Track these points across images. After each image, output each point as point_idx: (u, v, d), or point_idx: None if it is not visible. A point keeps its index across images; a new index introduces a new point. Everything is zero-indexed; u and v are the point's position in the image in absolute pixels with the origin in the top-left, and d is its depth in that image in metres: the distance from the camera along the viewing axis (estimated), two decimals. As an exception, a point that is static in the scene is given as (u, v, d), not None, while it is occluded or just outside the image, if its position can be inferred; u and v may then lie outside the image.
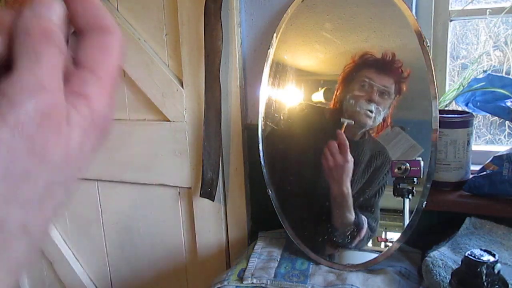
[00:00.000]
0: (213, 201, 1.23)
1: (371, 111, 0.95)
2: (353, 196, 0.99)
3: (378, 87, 0.95)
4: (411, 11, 0.95)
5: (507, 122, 1.14)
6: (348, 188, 0.98)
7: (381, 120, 0.96)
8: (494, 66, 1.13)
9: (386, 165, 0.98)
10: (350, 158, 0.96)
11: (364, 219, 0.99)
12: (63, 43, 0.23)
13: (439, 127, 0.91)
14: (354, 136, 0.99)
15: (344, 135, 0.96)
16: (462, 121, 0.99)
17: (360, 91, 0.96)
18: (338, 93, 1.01)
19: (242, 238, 1.27)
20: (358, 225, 0.99)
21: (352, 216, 0.99)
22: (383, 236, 1.00)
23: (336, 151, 0.96)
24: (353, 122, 0.95)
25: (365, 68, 0.97)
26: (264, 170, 1.09)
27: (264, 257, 1.02)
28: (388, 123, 0.96)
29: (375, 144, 0.98)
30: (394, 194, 0.95)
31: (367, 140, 0.98)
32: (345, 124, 0.97)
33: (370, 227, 1.00)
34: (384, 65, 0.95)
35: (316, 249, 1.01)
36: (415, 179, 0.93)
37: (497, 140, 1.17)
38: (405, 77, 0.93)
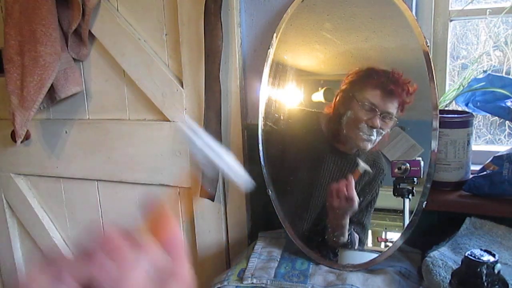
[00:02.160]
0: (213, 201, 1.22)
1: (370, 135, 0.92)
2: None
3: (381, 112, 0.91)
4: (411, 11, 0.95)
5: (507, 122, 1.14)
6: (347, 222, 0.97)
7: (380, 138, 0.94)
8: (494, 66, 1.13)
9: (379, 177, 0.96)
10: (355, 198, 0.93)
11: (356, 237, 0.99)
12: None
13: (439, 127, 0.91)
14: (349, 150, 0.97)
15: (353, 181, 0.93)
16: (462, 121, 0.99)
17: (362, 113, 0.91)
18: (336, 100, 0.98)
19: (242, 238, 1.27)
20: (349, 243, 0.99)
21: (345, 238, 0.99)
22: (383, 236, 1.00)
23: (343, 194, 0.94)
24: (370, 170, 0.91)
25: (369, 88, 0.92)
26: (264, 170, 1.09)
27: (264, 257, 1.02)
28: (386, 139, 0.93)
29: (370, 154, 0.97)
30: (394, 194, 0.95)
31: (362, 152, 0.97)
32: (360, 168, 0.92)
33: (360, 242, 1.00)
34: (391, 86, 0.89)
35: (316, 249, 1.01)
36: (415, 179, 0.93)
37: (497, 140, 1.17)
38: (410, 93, 0.89)
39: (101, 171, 1.43)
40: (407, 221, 0.94)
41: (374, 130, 0.91)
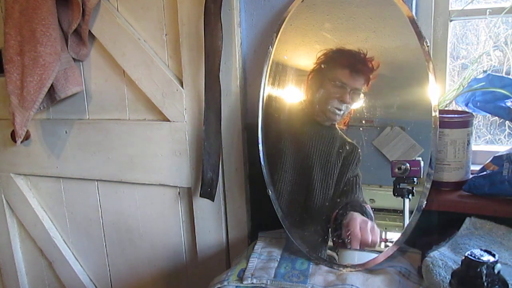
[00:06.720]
0: (213, 201, 1.23)
1: (340, 110, 1.00)
2: (334, 188, 1.03)
3: (351, 88, 0.98)
4: (411, 11, 0.95)
5: (507, 122, 1.14)
6: None
7: (348, 112, 1.01)
8: (494, 66, 1.13)
9: (355, 154, 1.00)
10: (370, 241, 0.95)
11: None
12: None
13: (439, 127, 0.91)
14: (324, 122, 1.03)
15: (369, 228, 0.95)
16: (462, 121, 0.99)
17: (334, 90, 0.99)
18: (309, 79, 1.03)
19: (242, 238, 1.27)
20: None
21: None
22: (383, 236, 1.00)
23: (357, 238, 0.95)
24: None
25: (339, 68, 1.00)
26: (264, 170, 1.09)
27: (264, 257, 1.02)
28: (351, 112, 1.00)
29: (343, 134, 1.03)
30: (394, 194, 0.95)
31: (336, 127, 1.03)
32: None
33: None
34: (358, 65, 0.97)
35: (316, 249, 1.01)
36: (415, 179, 0.93)
37: (497, 140, 1.17)
38: (375, 69, 0.95)
39: (101, 171, 1.43)
40: (407, 221, 0.94)
41: (344, 104, 1.00)
